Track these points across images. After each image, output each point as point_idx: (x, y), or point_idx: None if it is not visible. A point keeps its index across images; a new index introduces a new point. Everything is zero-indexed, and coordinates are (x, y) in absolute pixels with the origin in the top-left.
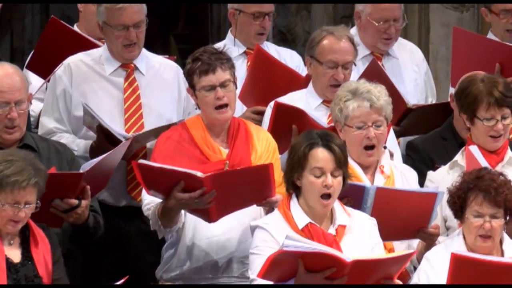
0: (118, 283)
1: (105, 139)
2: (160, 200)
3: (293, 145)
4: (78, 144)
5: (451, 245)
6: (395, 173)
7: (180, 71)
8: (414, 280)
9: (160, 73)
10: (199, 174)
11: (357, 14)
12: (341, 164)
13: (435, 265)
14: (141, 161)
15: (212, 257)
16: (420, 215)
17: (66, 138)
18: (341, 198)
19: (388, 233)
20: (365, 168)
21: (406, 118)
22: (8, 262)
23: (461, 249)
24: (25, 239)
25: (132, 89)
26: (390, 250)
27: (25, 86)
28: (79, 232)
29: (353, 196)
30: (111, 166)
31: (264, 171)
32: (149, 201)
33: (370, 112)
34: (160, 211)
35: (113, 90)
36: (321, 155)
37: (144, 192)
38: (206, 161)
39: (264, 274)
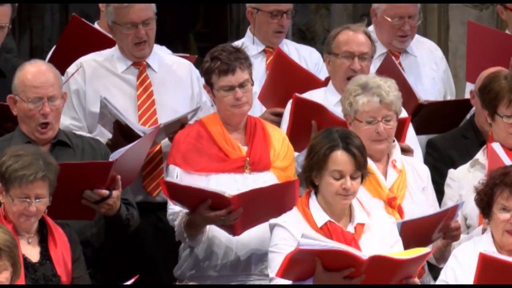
0: (128, 282)
1: (121, 136)
2: (185, 210)
3: (313, 145)
4: None
5: (479, 242)
6: (407, 167)
7: (193, 68)
8: (441, 278)
9: (172, 70)
10: (227, 194)
11: (373, 12)
12: (360, 166)
13: (462, 262)
14: (169, 179)
15: (231, 255)
16: (444, 225)
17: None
18: None
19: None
20: (376, 161)
21: (418, 115)
22: (26, 262)
23: (489, 247)
24: (44, 238)
25: (144, 86)
26: None
27: (59, 83)
28: (112, 225)
29: None
30: (140, 156)
31: (291, 187)
32: (174, 211)
33: (379, 107)
34: (185, 224)
35: (126, 87)
36: (341, 158)
37: (169, 200)
38: (226, 159)
39: (282, 273)
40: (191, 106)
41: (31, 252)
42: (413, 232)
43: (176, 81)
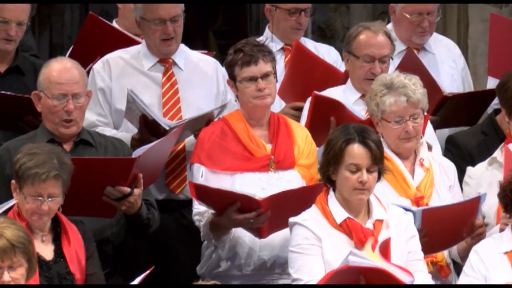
0: (144, 274)
1: (146, 130)
2: (211, 211)
3: (329, 140)
4: (120, 137)
5: (499, 240)
6: (434, 165)
7: (219, 66)
8: (464, 270)
9: (198, 68)
10: (257, 197)
11: (392, 8)
12: (377, 160)
13: (484, 260)
14: (198, 181)
15: (255, 255)
16: (467, 220)
17: (108, 132)
18: None
19: (437, 246)
20: (404, 159)
21: (442, 108)
22: (40, 260)
23: (509, 244)
24: (57, 236)
25: (170, 84)
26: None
27: (84, 80)
28: (132, 224)
29: None
30: (164, 155)
31: (319, 189)
32: (200, 211)
33: (407, 107)
34: (212, 226)
35: (152, 85)
36: (357, 152)
37: (194, 200)
38: (251, 157)
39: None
40: (216, 104)
41: (45, 250)
42: (438, 224)
43: (201, 79)
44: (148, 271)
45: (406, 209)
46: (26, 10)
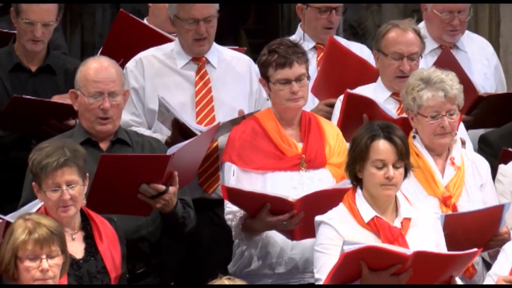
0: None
1: (179, 134)
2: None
3: (354, 138)
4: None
5: None
6: (466, 163)
7: (252, 64)
8: (493, 271)
9: (232, 66)
10: (290, 198)
11: (423, 6)
12: (402, 155)
13: (510, 256)
14: (230, 180)
15: (286, 254)
16: (490, 228)
17: (143, 132)
18: None
19: (458, 249)
20: (436, 157)
21: (477, 108)
22: (71, 258)
23: None
24: (89, 234)
25: (203, 82)
26: None
27: (121, 79)
28: (168, 222)
29: None
30: (199, 155)
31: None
32: (232, 210)
33: (444, 102)
34: (244, 227)
35: (185, 84)
36: (382, 147)
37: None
38: (282, 156)
39: (330, 281)
40: (249, 103)
41: (75, 248)
42: (462, 230)
43: (235, 78)
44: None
45: None
46: (51, 11)
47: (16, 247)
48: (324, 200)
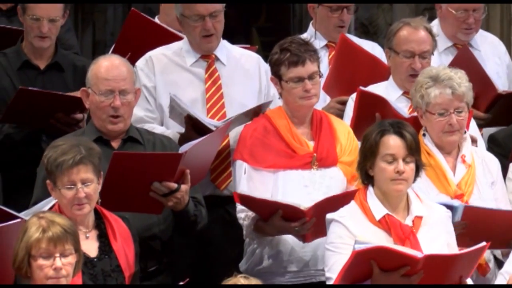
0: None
1: (193, 130)
2: None
3: (365, 135)
4: (167, 135)
5: None
6: (477, 161)
7: (261, 61)
8: (505, 269)
9: (241, 63)
10: (302, 207)
11: (438, 4)
12: (412, 150)
13: None
14: (243, 192)
15: (298, 252)
16: (510, 227)
17: (157, 129)
18: None
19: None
20: (446, 154)
21: (495, 105)
22: (85, 257)
23: None
24: (103, 232)
25: (213, 79)
26: None
27: (131, 78)
28: (180, 220)
29: None
30: (211, 152)
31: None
32: (244, 208)
33: (452, 99)
34: (256, 228)
35: (195, 81)
36: (392, 142)
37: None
38: (293, 155)
39: (340, 281)
40: (259, 100)
41: (89, 247)
42: (480, 224)
43: (244, 75)
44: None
45: (447, 205)
46: (57, 7)
47: (29, 245)
48: (335, 203)
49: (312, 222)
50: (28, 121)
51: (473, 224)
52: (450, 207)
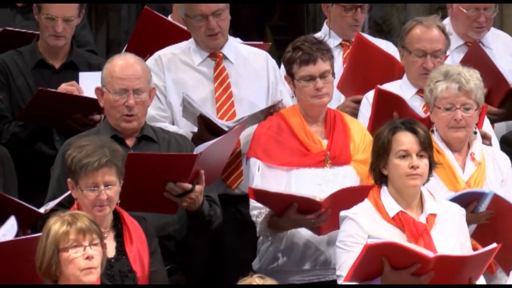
0: None
1: (206, 129)
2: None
3: (376, 134)
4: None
5: None
6: (487, 159)
7: (269, 58)
8: None
9: (249, 61)
10: (317, 198)
11: (449, 3)
12: (425, 146)
13: None
14: (257, 186)
15: (311, 250)
16: None
17: (169, 129)
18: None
19: (489, 240)
20: (455, 152)
21: (509, 100)
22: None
23: None
24: (119, 233)
25: (222, 78)
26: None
27: (146, 77)
28: (194, 220)
29: (470, 200)
30: (225, 153)
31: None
32: (257, 205)
33: (458, 94)
34: (270, 224)
35: (203, 80)
36: (405, 139)
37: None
38: (307, 153)
39: (351, 277)
40: (268, 97)
41: (107, 247)
42: (502, 217)
43: (253, 73)
44: None
45: (476, 192)
46: (72, 7)
47: (57, 239)
48: (350, 196)
49: (327, 214)
50: (46, 121)
51: (502, 217)
52: (479, 194)
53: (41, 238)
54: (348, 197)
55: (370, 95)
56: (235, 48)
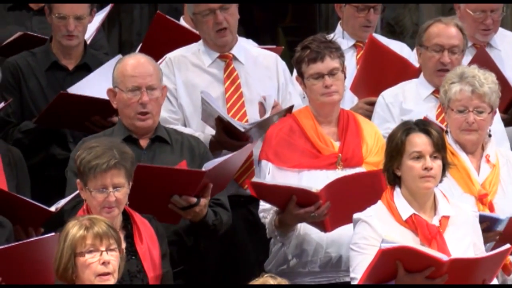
0: None
1: (223, 132)
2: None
3: (390, 135)
4: (197, 137)
5: None
6: (501, 161)
7: (279, 59)
8: None
9: (259, 62)
10: (314, 189)
11: (457, 5)
12: (439, 147)
13: None
14: (255, 179)
15: (322, 252)
16: None
17: (184, 130)
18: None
19: None
20: (469, 154)
21: None
22: None
23: None
24: (129, 233)
25: (232, 79)
26: None
27: (158, 74)
28: (198, 229)
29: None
30: (234, 167)
31: (376, 177)
32: (265, 207)
33: (471, 97)
34: (276, 223)
35: (214, 81)
36: (418, 140)
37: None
38: (318, 155)
39: (365, 280)
40: (277, 98)
41: None
42: None
43: (263, 74)
44: None
45: (492, 218)
46: (83, 5)
47: (74, 243)
48: (349, 188)
49: (327, 206)
50: (64, 123)
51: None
52: (495, 220)
53: (59, 241)
54: (347, 188)
55: (386, 94)
56: (245, 49)
